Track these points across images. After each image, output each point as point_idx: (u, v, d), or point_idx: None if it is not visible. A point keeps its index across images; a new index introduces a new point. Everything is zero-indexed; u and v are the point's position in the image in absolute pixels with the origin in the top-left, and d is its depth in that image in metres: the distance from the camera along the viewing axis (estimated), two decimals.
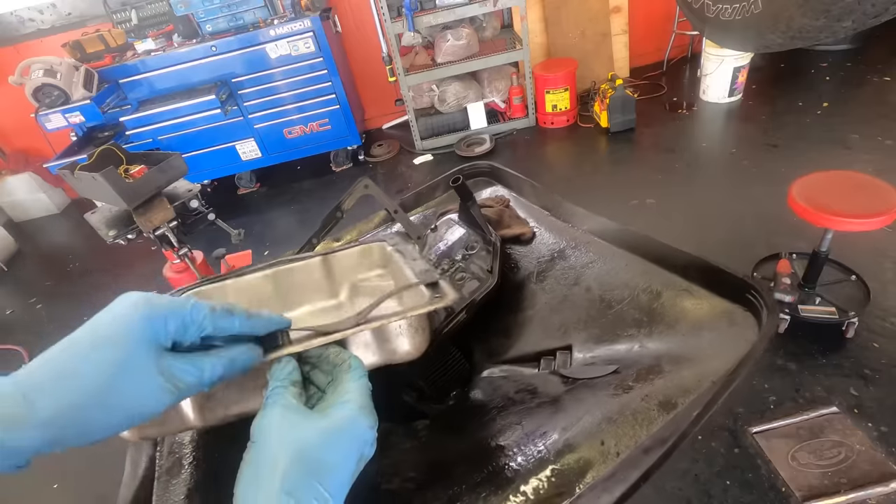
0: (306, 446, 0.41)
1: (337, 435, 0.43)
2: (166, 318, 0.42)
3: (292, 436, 0.42)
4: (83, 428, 0.38)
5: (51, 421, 0.36)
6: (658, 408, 0.56)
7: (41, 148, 4.42)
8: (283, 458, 0.40)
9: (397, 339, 0.56)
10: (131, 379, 0.39)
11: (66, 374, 0.38)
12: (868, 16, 0.85)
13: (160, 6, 3.57)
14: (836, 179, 1.89)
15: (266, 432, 0.42)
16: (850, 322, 1.91)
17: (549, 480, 0.56)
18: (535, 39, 4.14)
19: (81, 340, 0.40)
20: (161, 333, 0.41)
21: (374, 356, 0.56)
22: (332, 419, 0.44)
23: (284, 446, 0.41)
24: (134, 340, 0.40)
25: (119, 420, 0.40)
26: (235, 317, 0.46)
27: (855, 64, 3.92)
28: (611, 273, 0.79)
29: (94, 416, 0.38)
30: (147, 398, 0.40)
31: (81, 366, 0.38)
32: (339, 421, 0.44)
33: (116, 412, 0.39)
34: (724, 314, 0.63)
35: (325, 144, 4.02)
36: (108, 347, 0.39)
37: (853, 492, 1.49)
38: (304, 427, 0.43)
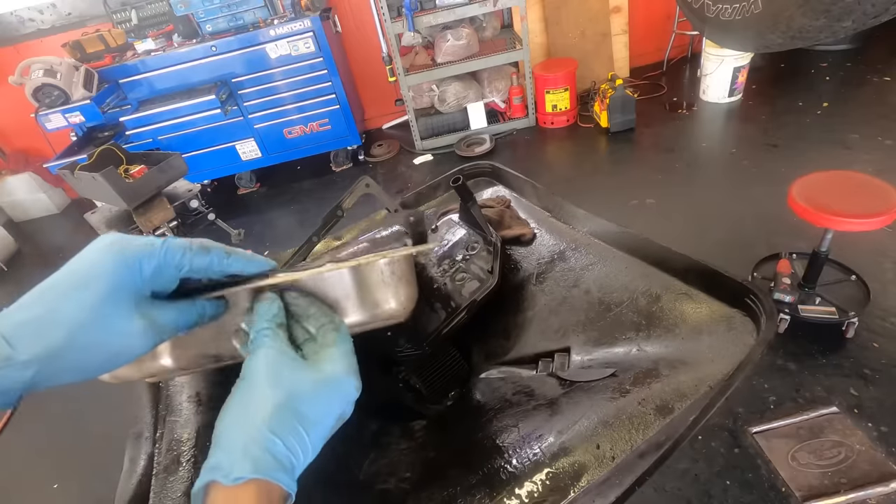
0: (297, 393, 0.42)
1: (326, 389, 0.44)
2: (141, 260, 0.42)
3: (285, 380, 0.43)
4: (65, 368, 0.39)
5: (33, 361, 0.37)
6: (654, 412, 0.56)
7: (41, 148, 4.42)
8: (273, 400, 0.41)
9: (379, 288, 0.53)
10: (110, 322, 0.40)
11: (44, 318, 0.38)
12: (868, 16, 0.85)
13: (160, 6, 3.57)
14: (836, 179, 1.89)
15: (259, 372, 0.43)
16: (850, 322, 1.91)
17: (543, 483, 0.56)
18: (535, 39, 4.14)
19: (58, 285, 0.40)
20: (137, 277, 0.41)
21: (356, 311, 0.52)
22: (323, 373, 0.44)
23: (276, 389, 0.42)
24: (110, 284, 0.40)
25: (99, 362, 0.41)
26: (212, 253, 0.45)
27: (855, 64, 3.92)
28: (610, 275, 0.79)
29: (74, 357, 0.39)
30: (126, 339, 0.41)
31: (60, 309, 0.39)
32: (330, 376, 0.44)
33: (96, 354, 0.40)
34: (722, 318, 0.63)
35: (325, 144, 4.02)
36: (85, 291, 0.39)
37: (853, 492, 1.49)
38: (297, 375, 0.43)
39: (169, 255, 0.43)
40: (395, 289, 0.53)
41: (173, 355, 0.51)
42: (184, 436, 0.73)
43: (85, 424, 2.44)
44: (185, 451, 0.71)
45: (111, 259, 0.41)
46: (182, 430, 0.73)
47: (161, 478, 0.69)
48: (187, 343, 0.50)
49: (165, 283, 0.44)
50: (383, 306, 0.53)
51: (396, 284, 0.53)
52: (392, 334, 0.76)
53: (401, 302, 0.53)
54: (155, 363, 0.51)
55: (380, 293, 0.53)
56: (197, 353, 0.51)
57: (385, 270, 0.52)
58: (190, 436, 0.73)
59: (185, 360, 0.51)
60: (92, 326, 0.39)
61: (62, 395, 2.63)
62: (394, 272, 0.53)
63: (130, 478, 0.69)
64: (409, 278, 0.55)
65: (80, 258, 0.41)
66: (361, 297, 0.52)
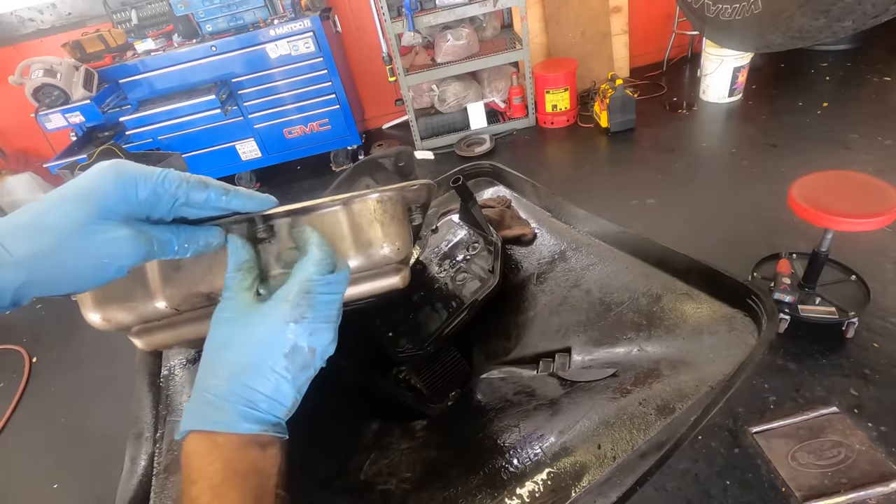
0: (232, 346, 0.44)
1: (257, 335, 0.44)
2: (137, 182, 0.42)
3: (225, 334, 0.44)
4: (56, 272, 0.40)
5: (24, 262, 0.38)
6: (655, 412, 0.56)
7: (41, 148, 4.41)
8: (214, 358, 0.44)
9: (372, 226, 0.52)
10: (99, 228, 0.40)
11: (36, 222, 0.39)
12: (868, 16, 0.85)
13: (160, 6, 3.57)
14: (836, 179, 1.89)
15: (213, 325, 0.45)
16: (850, 322, 1.91)
17: (544, 483, 0.56)
18: (535, 39, 4.14)
19: (52, 196, 0.41)
20: (132, 197, 0.42)
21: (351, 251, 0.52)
22: (256, 315, 0.44)
23: (218, 345, 0.44)
24: (102, 198, 0.41)
25: (89, 268, 0.41)
26: (210, 189, 0.45)
27: (855, 64, 3.92)
28: (611, 276, 0.79)
29: (65, 260, 0.39)
30: (115, 246, 0.41)
31: (51, 214, 0.40)
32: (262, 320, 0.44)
33: (85, 259, 0.40)
34: (723, 319, 0.63)
35: (325, 144, 4.02)
36: (77, 199, 0.40)
37: (853, 492, 1.49)
38: (238, 326, 0.44)
39: (166, 183, 0.43)
40: (387, 227, 0.53)
41: (165, 294, 0.51)
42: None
43: (85, 424, 2.44)
44: None
45: (105, 177, 0.41)
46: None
47: (161, 478, 0.69)
48: (179, 281, 0.51)
49: (161, 211, 0.44)
50: (376, 246, 0.53)
51: (389, 223, 0.53)
52: (393, 335, 0.77)
53: (394, 243, 0.53)
54: (148, 305, 0.51)
55: (372, 231, 0.52)
56: (189, 291, 0.51)
57: (377, 208, 0.52)
58: None
59: (178, 299, 0.51)
60: (80, 232, 0.39)
61: (62, 394, 2.63)
62: (385, 210, 0.53)
63: (131, 478, 0.69)
64: (401, 218, 0.55)
65: (77, 177, 0.42)
66: (354, 234, 0.52)
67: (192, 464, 0.41)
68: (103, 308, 0.51)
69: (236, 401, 0.42)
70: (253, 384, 0.42)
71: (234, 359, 0.43)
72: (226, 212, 0.47)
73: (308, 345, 0.44)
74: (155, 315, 0.52)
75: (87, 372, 2.72)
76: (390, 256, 0.53)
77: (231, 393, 0.42)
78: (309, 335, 0.44)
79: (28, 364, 2.86)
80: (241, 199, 0.47)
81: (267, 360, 0.43)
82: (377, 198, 0.52)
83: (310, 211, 0.51)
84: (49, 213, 0.40)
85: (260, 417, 0.42)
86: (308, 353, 0.44)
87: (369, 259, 0.53)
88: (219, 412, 0.41)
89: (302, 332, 0.44)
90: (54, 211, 0.40)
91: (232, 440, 0.41)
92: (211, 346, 0.45)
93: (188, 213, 0.45)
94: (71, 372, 2.76)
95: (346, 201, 0.51)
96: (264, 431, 0.42)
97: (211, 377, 0.43)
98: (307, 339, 0.44)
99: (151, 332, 0.54)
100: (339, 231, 0.52)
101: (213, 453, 0.41)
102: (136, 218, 0.43)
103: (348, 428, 0.78)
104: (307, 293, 0.45)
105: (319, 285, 0.46)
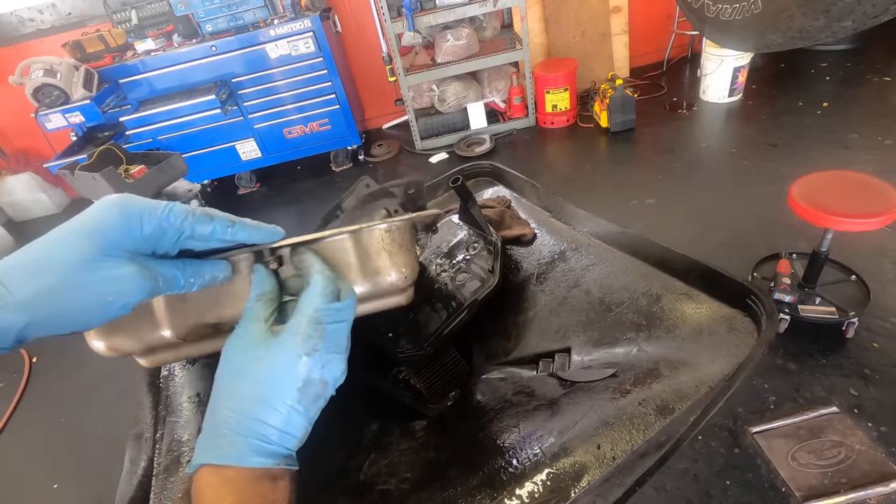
0: (245, 379, 0.43)
1: (270, 369, 0.43)
2: (142, 217, 0.42)
3: (238, 366, 0.44)
4: (59, 311, 0.39)
5: (28, 303, 0.37)
6: (655, 412, 0.56)
7: (41, 148, 4.41)
8: (227, 390, 0.43)
9: (380, 255, 0.52)
10: (103, 265, 0.40)
11: (39, 259, 0.39)
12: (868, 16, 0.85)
13: (160, 6, 3.57)
14: (836, 179, 1.89)
15: (225, 355, 0.45)
16: (850, 322, 1.91)
17: (544, 484, 0.56)
18: (535, 39, 4.14)
19: (55, 233, 0.40)
20: (136, 232, 0.41)
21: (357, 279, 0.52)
22: (269, 349, 0.44)
23: (231, 377, 0.43)
24: (106, 233, 0.40)
25: (94, 307, 0.40)
26: (216, 221, 0.45)
27: (855, 64, 3.92)
28: (611, 276, 0.79)
29: (68, 298, 0.39)
30: (120, 283, 0.41)
31: (55, 251, 0.39)
32: (275, 354, 0.43)
33: (89, 297, 0.40)
34: (723, 319, 0.63)
35: (325, 144, 4.02)
36: (81, 235, 0.40)
37: (853, 492, 1.49)
38: (248, 359, 0.44)
39: (171, 216, 0.43)
40: (394, 256, 0.53)
41: (172, 323, 0.50)
42: (184, 437, 0.73)
43: (85, 425, 2.44)
44: (185, 451, 0.71)
45: (110, 212, 0.41)
46: (182, 431, 0.73)
47: (161, 479, 0.69)
48: (186, 311, 0.50)
49: (166, 245, 0.43)
50: (384, 275, 0.53)
51: (397, 252, 0.53)
52: (393, 335, 0.77)
53: (401, 271, 0.53)
54: (154, 333, 0.50)
55: (380, 260, 0.52)
56: (196, 322, 0.50)
57: (385, 237, 0.52)
58: (190, 436, 0.72)
59: (184, 329, 0.50)
60: (84, 269, 0.39)
61: (62, 395, 2.63)
62: (394, 239, 0.53)
63: (131, 479, 0.69)
64: (409, 246, 0.55)
65: (82, 213, 0.42)
66: (362, 263, 0.52)
67: (205, 497, 0.41)
68: (108, 337, 0.50)
69: (248, 434, 0.41)
70: (265, 418, 0.42)
71: (246, 391, 0.42)
72: (231, 244, 0.47)
73: (320, 377, 0.44)
74: (160, 343, 0.52)
75: (87, 372, 2.72)
76: (397, 284, 0.54)
77: (242, 426, 0.41)
78: (321, 367, 0.44)
79: (28, 364, 2.86)
80: (246, 231, 0.47)
81: (279, 394, 0.42)
82: (385, 228, 0.53)
83: (318, 241, 0.51)
84: (52, 249, 0.39)
85: (271, 451, 0.42)
86: (320, 384, 0.44)
87: (376, 286, 0.53)
88: (231, 446, 0.41)
89: (314, 364, 0.44)
90: (58, 247, 0.39)
91: (243, 474, 0.41)
92: (222, 377, 0.44)
93: (193, 245, 0.45)
94: (71, 372, 2.76)
95: (354, 232, 0.51)
96: (276, 465, 0.42)
97: (223, 409, 0.42)
98: (320, 371, 0.44)
99: (155, 353, 0.53)
100: (347, 259, 0.52)
101: (224, 487, 0.40)
102: (141, 252, 0.42)
103: (348, 428, 0.78)
104: (318, 324, 0.44)
105: (327, 314, 0.45)
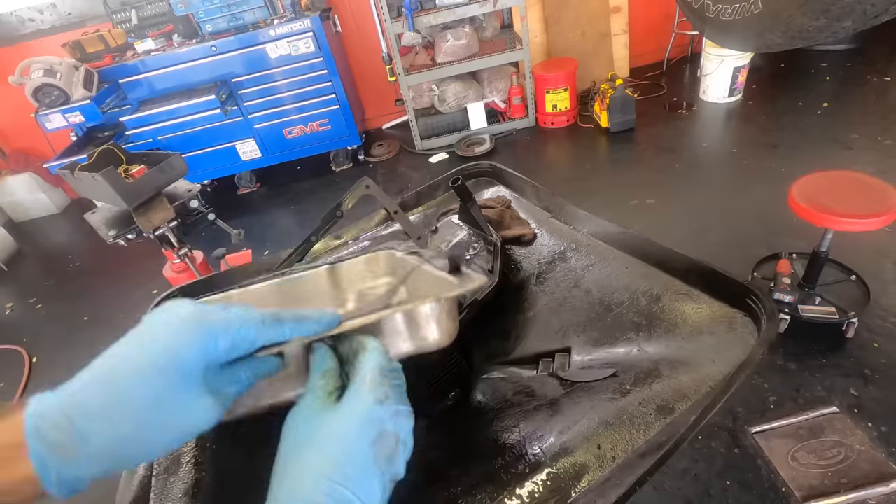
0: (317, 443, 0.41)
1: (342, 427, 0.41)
2: (217, 337, 0.41)
3: (307, 435, 0.42)
4: (136, 453, 0.38)
5: (103, 452, 0.36)
6: (655, 412, 0.56)
7: (41, 148, 4.41)
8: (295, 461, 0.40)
9: (428, 324, 0.54)
10: (182, 404, 0.39)
11: (114, 405, 0.37)
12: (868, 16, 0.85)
13: (160, 6, 3.57)
14: (836, 179, 1.89)
15: (289, 428, 0.43)
16: (850, 322, 1.91)
17: (544, 484, 0.56)
18: (535, 39, 4.14)
19: (128, 361, 0.39)
20: (212, 352, 0.40)
21: (405, 343, 0.54)
22: (338, 413, 0.43)
23: (301, 445, 0.41)
24: (185, 365, 0.39)
25: (167, 442, 0.40)
26: (286, 324, 0.45)
27: (855, 64, 3.92)
28: (611, 276, 0.79)
29: (145, 438, 0.38)
30: (197, 418, 0.40)
31: (130, 394, 0.37)
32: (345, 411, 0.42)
33: (165, 436, 0.39)
34: (723, 319, 0.63)
35: (325, 144, 4.02)
36: (157, 375, 0.38)
37: (853, 492, 1.49)
38: (316, 425, 0.42)
39: (244, 331, 0.42)
40: (442, 324, 0.55)
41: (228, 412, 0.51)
42: None
43: None
44: (185, 451, 0.71)
45: (185, 331, 0.40)
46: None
47: (161, 479, 0.69)
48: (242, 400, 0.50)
49: (232, 356, 0.43)
50: (429, 339, 0.55)
51: (444, 320, 0.55)
52: None
53: (447, 336, 0.55)
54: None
55: (428, 329, 0.55)
56: (252, 405, 0.51)
57: (435, 309, 0.54)
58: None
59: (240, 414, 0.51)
60: (164, 410, 0.38)
61: None
62: (443, 309, 0.55)
63: (131, 479, 0.69)
64: (455, 313, 0.57)
65: (153, 327, 0.40)
66: (410, 333, 0.54)
67: None
68: None
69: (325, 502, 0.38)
70: (342, 481, 0.39)
71: (317, 457, 0.40)
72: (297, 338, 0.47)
73: (393, 429, 0.42)
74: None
75: None
76: (441, 345, 0.56)
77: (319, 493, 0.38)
78: (392, 417, 0.43)
79: (28, 364, 2.86)
80: (312, 325, 0.47)
81: (355, 453, 0.40)
82: (436, 301, 0.54)
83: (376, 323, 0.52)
84: (129, 388, 0.37)
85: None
86: (393, 440, 0.42)
87: (420, 348, 0.55)
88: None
89: (386, 413, 0.42)
90: (134, 386, 0.37)
91: None
92: (287, 450, 0.42)
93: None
94: (71, 372, 2.72)
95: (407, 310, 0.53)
96: None
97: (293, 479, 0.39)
98: (392, 422, 0.43)
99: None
100: (397, 329, 0.54)
101: None
102: (212, 371, 0.41)
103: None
104: (383, 376, 0.44)
105: (390, 371, 0.45)
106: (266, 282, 0.76)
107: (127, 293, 3.23)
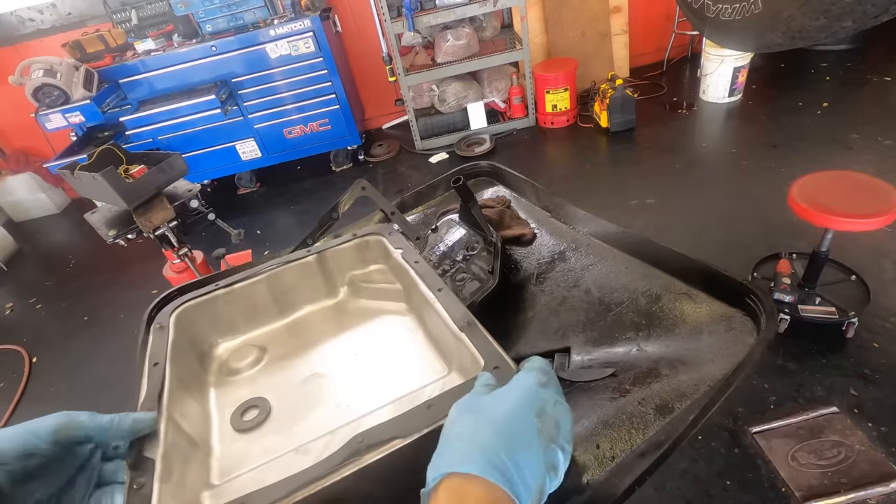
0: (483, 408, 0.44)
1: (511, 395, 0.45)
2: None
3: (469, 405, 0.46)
4: None
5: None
6: (654, 412, 0.56)
7: (41, 148, 4.42)
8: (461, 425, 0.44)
9: None
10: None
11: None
12: (868, 16, 0.85)
13: (160, 6, 3.57)
14: (836, 179, 1.89)
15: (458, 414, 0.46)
16: (850, 322, 1.91)
17: None
18: (535, 39, 4.14)
19: None
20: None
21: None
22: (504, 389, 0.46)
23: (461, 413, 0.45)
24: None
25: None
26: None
27: (855, 64, 3.92)
28: (610, 276, 0.79)
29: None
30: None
31: None
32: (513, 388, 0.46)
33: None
34: (722, 318, 0.63)
35: (325, 144, 4.02)
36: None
37: (853, 492, 1.49)
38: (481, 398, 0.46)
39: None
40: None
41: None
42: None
43: None
44: None
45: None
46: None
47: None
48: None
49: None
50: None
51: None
52: None
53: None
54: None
55: None
56: None
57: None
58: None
59: None
60: None
61: (62, 395, 2.63)
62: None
63: None
64: None
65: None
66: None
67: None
68: None
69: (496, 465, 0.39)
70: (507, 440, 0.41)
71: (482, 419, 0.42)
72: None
73: (553, 413, 0.44)
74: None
75: (87, 372, 2.72)
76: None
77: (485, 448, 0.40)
78: (554, 403, 0.45)
79: (28, 364, 2.86)
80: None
81: (521, 419, 0.42)
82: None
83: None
84: None
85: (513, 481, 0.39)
86: (553, 424, 0.44)
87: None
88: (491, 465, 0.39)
89: (548, 395, 0.45)
90: None
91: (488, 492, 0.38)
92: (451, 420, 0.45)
93: None
94: (71, 372, 2.76)
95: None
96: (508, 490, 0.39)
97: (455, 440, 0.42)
98: (552, 406, 0.45)
99: None
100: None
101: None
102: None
103: None
104: (545, 372, 0.49)
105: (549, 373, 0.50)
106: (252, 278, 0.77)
107: (127, 293, 3.23)
